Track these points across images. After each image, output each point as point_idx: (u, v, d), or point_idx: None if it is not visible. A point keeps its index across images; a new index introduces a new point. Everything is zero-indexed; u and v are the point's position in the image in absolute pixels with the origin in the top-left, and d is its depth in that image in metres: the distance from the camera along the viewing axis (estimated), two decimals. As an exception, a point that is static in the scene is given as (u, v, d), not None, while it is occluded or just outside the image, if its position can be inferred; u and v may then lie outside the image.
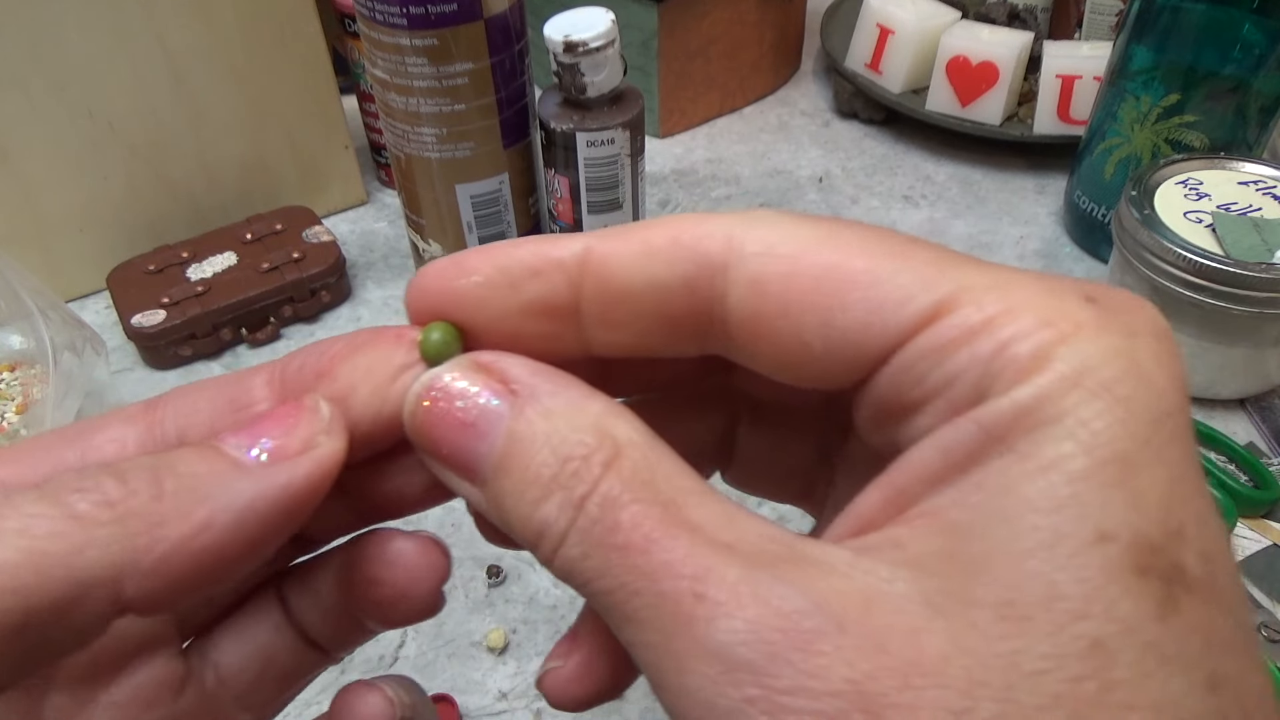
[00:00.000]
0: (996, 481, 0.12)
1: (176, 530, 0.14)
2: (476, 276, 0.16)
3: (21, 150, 0.54)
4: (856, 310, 0.14)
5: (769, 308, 0.14)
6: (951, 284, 0.13)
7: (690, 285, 0.15)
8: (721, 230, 0.15)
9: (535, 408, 0.15)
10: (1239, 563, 0.45)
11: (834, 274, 0.14)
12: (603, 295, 0.15)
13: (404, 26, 0.46)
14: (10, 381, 0.53)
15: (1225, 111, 0.54)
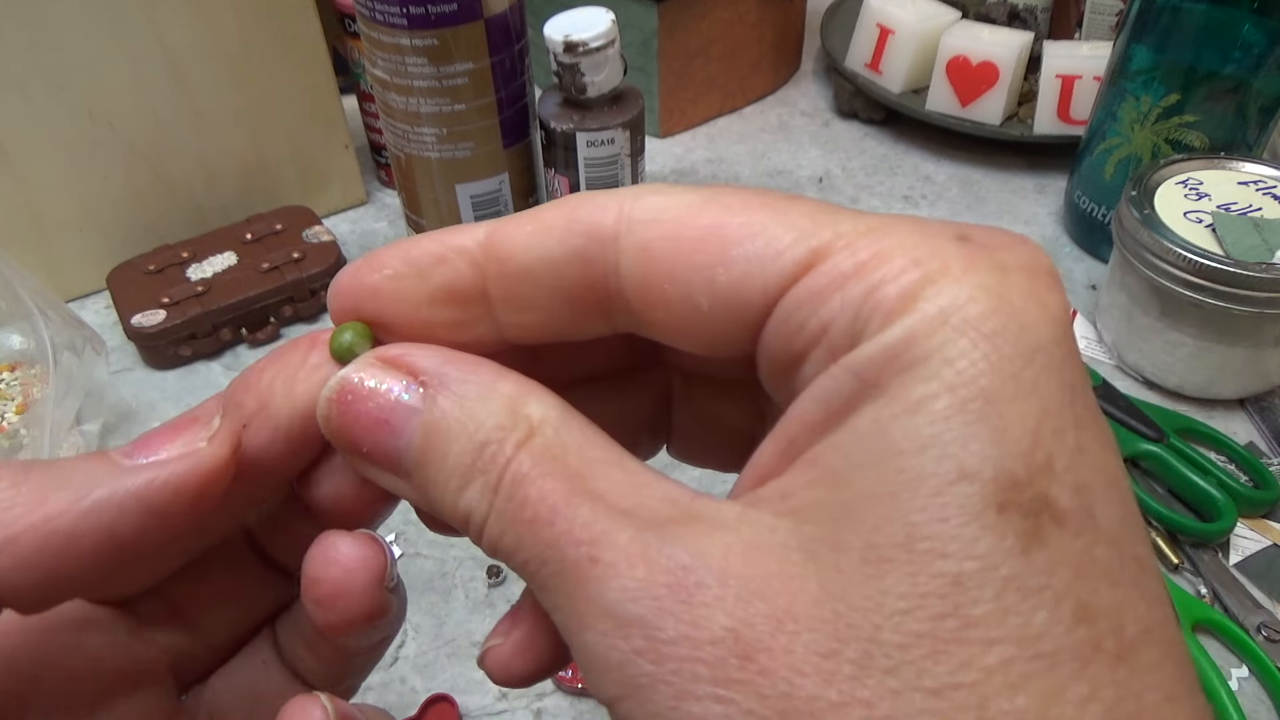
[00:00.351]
0: (868, 426, 0.12)
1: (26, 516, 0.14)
2: (386, 270, 0.16)
3: (21, 150, 0.54)
4: (737, 265, 0.14)
5: (657, 271, 0.15)
6: (827, 232, 0.13)
7: (583, 258, 0.15)
8: (613, 203, 0.15)
9: (447, 396, 0.15)
10: (1238, 563, 0.45)
11: (715, 233, 0.14)
12: (504, 276, 0.16)
13: (404, 26, 0.46)
14: (10, 381, 0.53)
15: (1225, 111, 0.54)
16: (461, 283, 0.16)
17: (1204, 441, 0.50)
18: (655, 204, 0.15)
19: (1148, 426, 0.48)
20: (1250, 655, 0.41)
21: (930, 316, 0.12)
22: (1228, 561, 0.45)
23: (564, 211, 0.15)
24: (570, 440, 0.14)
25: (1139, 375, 0.54)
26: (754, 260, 0.14)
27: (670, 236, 0.14)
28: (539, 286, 0.15)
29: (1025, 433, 0.12)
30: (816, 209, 0.14)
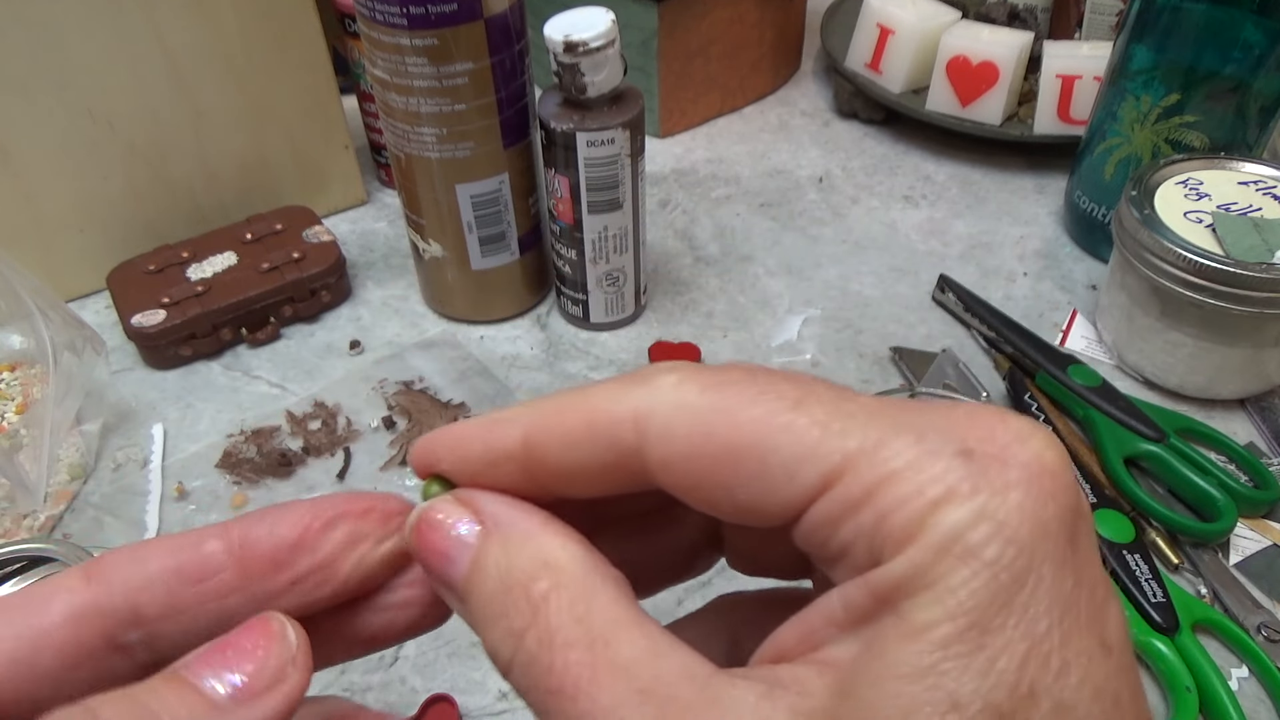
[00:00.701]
0: (878, 643, 0.13)
1: None
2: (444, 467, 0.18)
3: (21, 150, 0.54)
4: (753, 487, 0.15)
5: (681, 484, 0.16)
6: (835, 452, 0.14)
7: (615, 465, 0.16)
8: (628, 413, 0.16)
9: (495, 538, 0.17)
10: (1238, 563, 0.45)
11: (728, 454, 0.15)
12: (549, 477, 0.17)
13: (404, 26, 0.46)
14: (10, 381, 0.53)
15: (1225, 111, 0.54)
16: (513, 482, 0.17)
17: (1204, 441, 0.50)
18: (668, 418, 0.16)
19: (1148, 426, 0.48)
20: (1250, 655, 0.41)
21: (934, 546, 0.13)
22: (1228, 561, 0.45)
23: (584, 420, 0.16)
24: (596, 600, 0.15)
25: (1139, 375, 0.54)
26: (768, 483, 0.15)
27: (687, 457, 0.15)
28: (581, 481, 0.17)
29: (1011, 665, 0.13)
30: (824, 415, 0.15)
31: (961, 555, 0.13)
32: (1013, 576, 0.13)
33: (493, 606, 0.16)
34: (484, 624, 0.16)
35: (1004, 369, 0.54)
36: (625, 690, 0.14)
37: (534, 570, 0.16)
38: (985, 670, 0.13)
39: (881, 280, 0.62)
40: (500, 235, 0.55)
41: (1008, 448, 0.14)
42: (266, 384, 0.55)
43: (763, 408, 0.15)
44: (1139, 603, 0.41)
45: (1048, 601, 0.13)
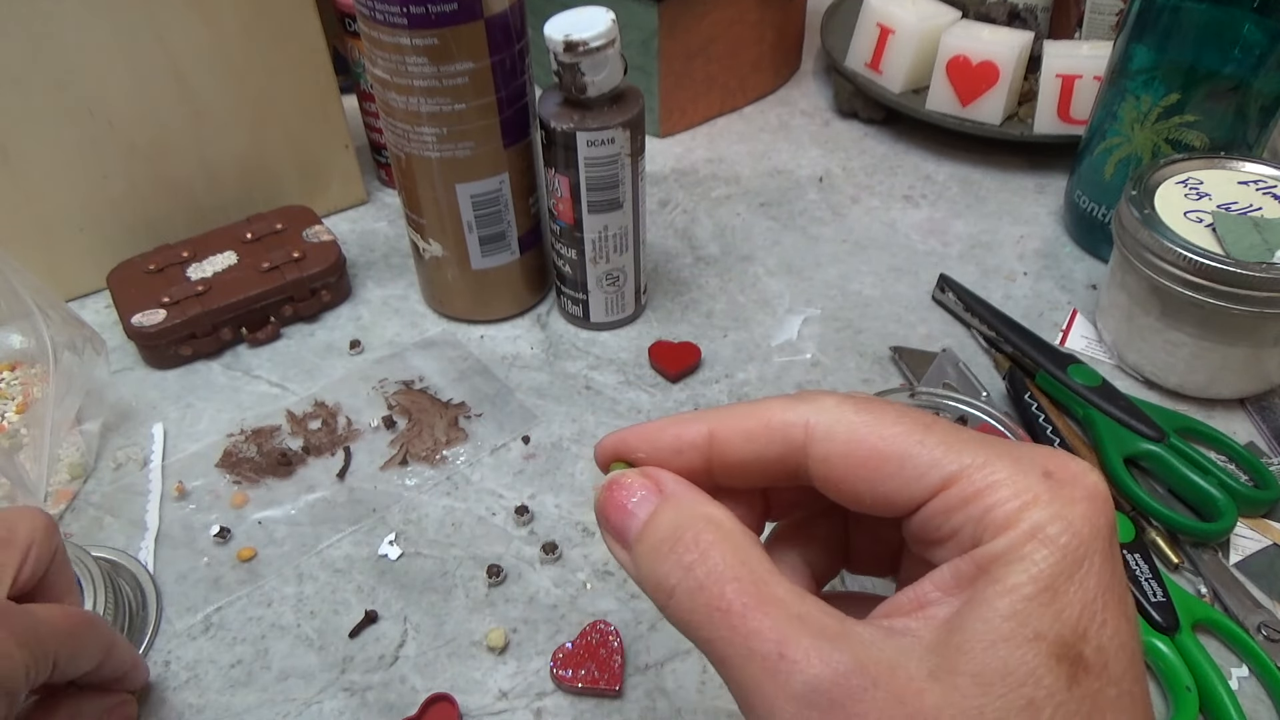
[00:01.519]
0: (981, 596, 0.19)
1: None
2: (640, 454, 0.24)
3: (21, 150, 0.54)
4: (892, 482, 0.21)
5: (834, 475, 0.21)
6: (954, 464, 0.20)
7: (781, 458, 0.22)
8: (799, 419, 0.22)
9: (670, 501, 0.22)
10: (1238, 562, 0.45)
11: (875, 456, 0.21)
12: (723, 465, 0.23)
13: (404, 26, 0.46)
14: (10, 381, 0.53)
15: (1225, 111, 0.54)
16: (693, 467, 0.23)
17: (1204, 441, 0.50)
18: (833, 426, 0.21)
19: (1148, 426, 0.48)
20: (1250, 655, 0.41)
21: (1025, 533, 0.19)
22: (1228, 561, 0.45)
23: (762, 421, 0.22)
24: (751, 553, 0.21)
25: (1139, 375, 0.54)
26: (903, 480, 0.21)
27: (843, 455, 0.21)
28: (748, 471, 0.23)
29: (1073, 614, 0.18)
30: (945, 438, 0.21)
31: (1043, 541, 0.19)
32: (1075, 559, 0.19)
33: (664, 547, 0.21)
34: (654, 560, 0.21)
35: (1004, 369, 0.54)
36: (783, 615, 0.19)
37: (702, 525, 0.21)
38: (1056, 615, 0.18)
39: (881, 280, 0.62)
40: (500, 235, 0.55)
41: (1076, 475, 0.20)
42: (266, 383, 0.55)
43: (902, 427, 0.21)
44: (1139, 602, 0.41)
45: (1096, 579, 0.19)
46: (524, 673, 0.41)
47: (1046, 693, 0.18)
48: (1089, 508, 0.19)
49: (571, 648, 0.41)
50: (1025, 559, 0.19)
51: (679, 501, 0.22)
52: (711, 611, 0.20)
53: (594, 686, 0.40)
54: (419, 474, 0.50)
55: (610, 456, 0.25)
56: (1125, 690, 0.19)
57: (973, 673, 0.18)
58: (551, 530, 0.47)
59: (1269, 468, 0.48)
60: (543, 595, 0.44)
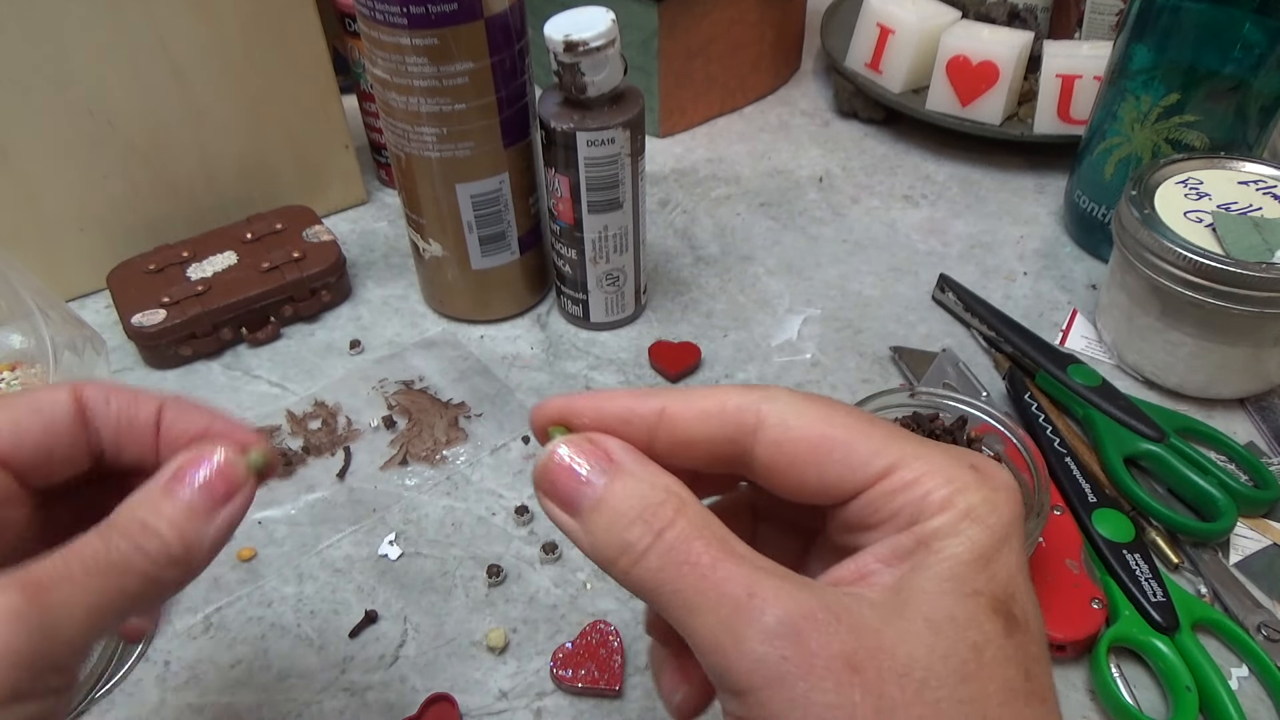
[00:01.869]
0: (923, 563, 0.21)
1: None
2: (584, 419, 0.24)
3: (21, 150, 0.54)
4: (837, 467, 0.23)
5: (782, 460, 0.23)
6: (895, 454, 0.22)
7: (730, 440, 0.23)
8: (753, 405, 0.23)
9: (624, 474, 0.23)
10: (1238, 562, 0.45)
11: (823, 444, 0.23)
12: (670, 442, 0.24)
13: (404, 26, 0.46)
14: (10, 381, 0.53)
15: (1225, 111, 0.54)
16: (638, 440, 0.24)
17: (1204, 441, 0.50)
18: (784, 413, 0.23)
19: (1148, 426, 0.48)
20: (1250, 655, 0.41)
21: (960, 512, 0.21)
22: (1228, 561, 0.45)
23: (717, 402, 0.24)
24: (712, 519, 0.22)
25: (1139, 375, 0.54)
26: (849, 466, 0.22)
27: (793, 440, 0.23)
28: (693, 451, 0.24)
29: (1002, 579, 0.21)
30: (886, 434, 0.23)
31: (976, 519, 0.21)
32: (1002, 536, 0.22)
33: (628, 517, 0.22)
34: (617, 529, 0.22)
35: (1004, 368, 0.54)
36: (750, 569, 0.21)
37: (664, 496, 0.22)
38: (990, 577, 0.21)
39: (881, 280, 0.62)
40: (500, 235, 0.55)
41: (995, 471, 0.23)
42: (266, 383, 0.55)
43: (851, 419, 0.23)
44: (1139, 602, 0.41)
45: (1015, 556, 0.22)
46: (524, 673, 0.41)
47: (987, 637, 0.20)
48: (1008, 497, 0.22)
49: (571, 648, 0.41)
50: (962, 534, 0.21)
51: (638, 471, 0.23)
52: (681, 566, 0.21)
53: (594, 686, 0.40)
54: (419, 474, 0.50)
55: (552, 420, 0.25)
56: (1041, 647, 0.22)
57: (923, 618, 0.20)
58: (551, 530, 0.47)
59: (1269, 468, 0.48)
60: (543, 595, 0.44)
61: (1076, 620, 0.41)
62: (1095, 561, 0.43)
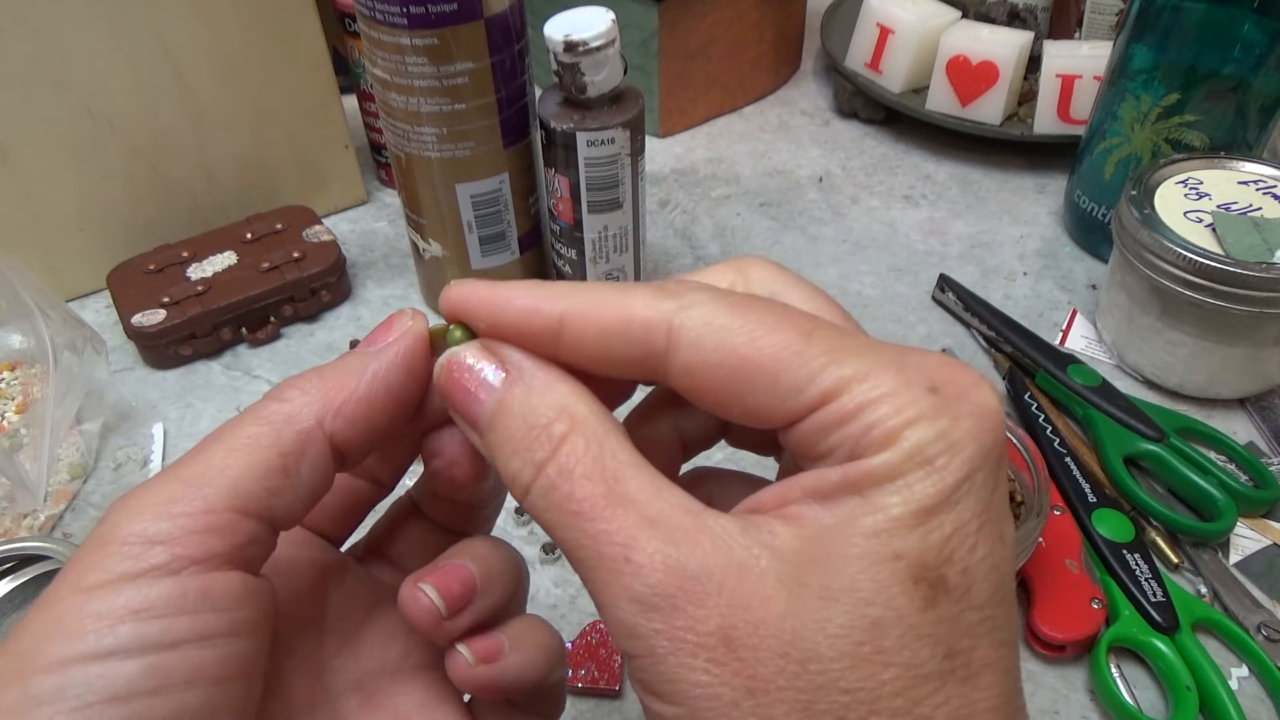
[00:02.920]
0: (844, 513, 0.18)
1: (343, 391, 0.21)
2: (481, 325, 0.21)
3: (21, 150, 0.54)
4: (763, 396, 0.19)
5: (699, 387, 0.20)
6: (833, 378, 0.18)
7: (639, 362, 0.20)
8: (663, 320, 0.19)
9: (517, 384, 0.20)
10: (1238, 562, 0.45)
11: (745, 368, 0.19)
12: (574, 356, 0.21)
13: (404, 26, 0.46)
14: (10, 381, 0.53)
15: (1225, 111, 0.54)
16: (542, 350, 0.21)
17: (1204, 441, 0.50)
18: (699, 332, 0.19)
19: (1148, 426, 0.48)
20: (1250, 655, 0.41)
21: (903, 453, 0.18)
22: (1228, 561, 0.45)
23: (622, 316, 0.20)
24: (607, 444, 0.19)
25: (1139, 375, 0.54)
26: (777, 396, 0.19)
27: (710, 365, 0.19)
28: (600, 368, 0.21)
29: (940, 538, 0.18)
30: (828, 347, 0.19)
31: (921, 461, 0.18)
32: (954, 482, 0.18)
33: (515, 440, 0.20)
34: (506, 454, 0.20)
35: (1004, 368, 0.54)
36: (636, 517, 0.18)
37: (554, 414, 0.20)
38: (923, 538, 0.17)
39: (881, 280, 0.62)
40: (500, 235, 0.55)
41: (965, 390, 0.18)
42: (267, 383, 0.55)
43: (780, 335, 0.19)
44: (1139, 602, 0.41)
45: (974, 501, 0.18)
46: (524, 673, 0.41)
47: (895, 614, 0.17)
48: (975, 425, 0.18)
49: (571, 648, 0.41)
50: (899, 478, 0.18)
51: (529, 385, 0.20)
52: (563, 512, 0.19)
53: (594, 686, 0.40)
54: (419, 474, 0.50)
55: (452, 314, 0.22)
56: (989, 615, 0.18)
57: (820, 585, 0.17)
58: (551, 530, 0.47)
59: (1269, 468, 0.48)
60: (543, 595, 0.44)
61: (1076, 620, 0.41)
62: (1095, 561, 0.43)
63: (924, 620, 0.17)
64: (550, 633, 0.25)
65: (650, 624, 0.18)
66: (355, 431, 0.21)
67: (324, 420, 0.21)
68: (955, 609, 0.18)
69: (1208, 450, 0.49)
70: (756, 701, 0.17)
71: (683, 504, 0.19)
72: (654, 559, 0.18)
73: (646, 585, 0.18)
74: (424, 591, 0.23)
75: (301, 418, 0.21)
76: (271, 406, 0.21)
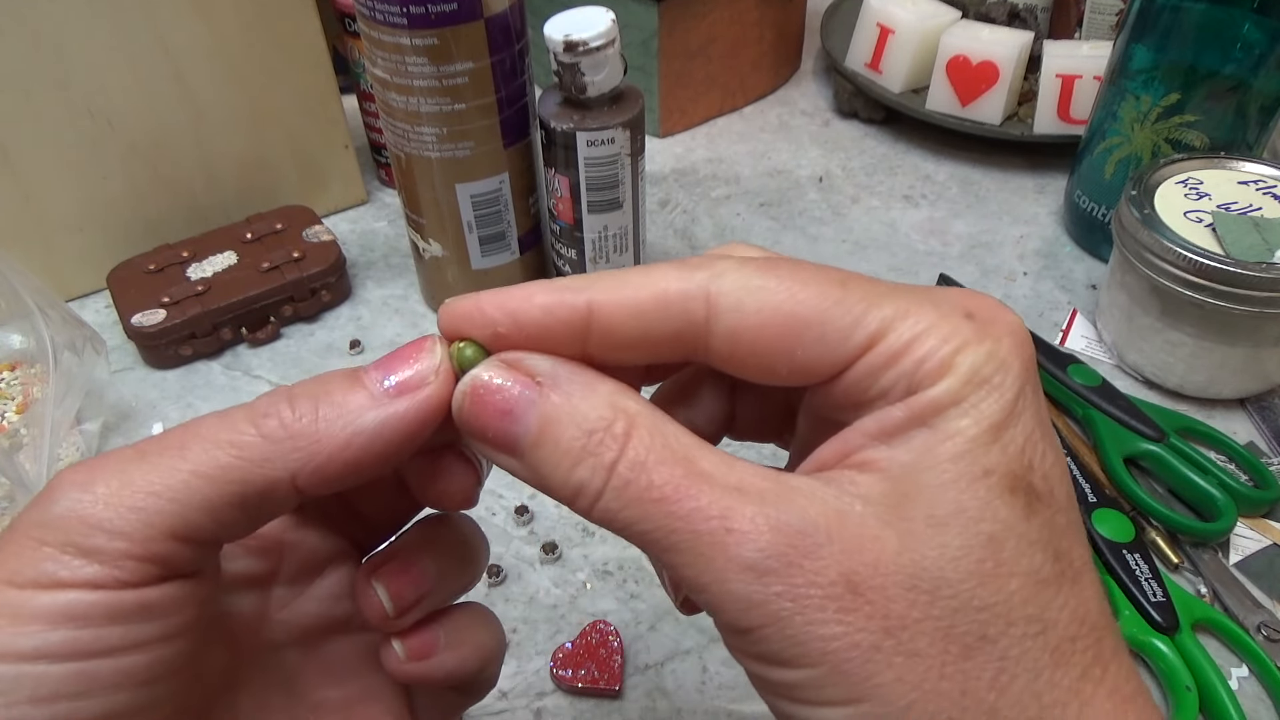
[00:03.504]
0: (921, 444, 0.18)
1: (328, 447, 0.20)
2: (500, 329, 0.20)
3: (21, 150, 0.54)
4: (812, 349, 0.19)
5: (744, 350, 0.19)
6: (876, 320, 0.19)
7: (677, 336, 0.20)
8: (699, 291, 0.19)
9: (558, 393, 0.19)
10: (1238, 562, 0.45)
11: (791, 323, 0.19)
12: (606, 344, 0.20)
13: (404, 26, 0.46)
14: (10, 381, 0.53)
15: (1225, 111, 0.54)
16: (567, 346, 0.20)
17: (1204, 441, 0.50)
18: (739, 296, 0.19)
19: (1148, 426, 0.48)
20: (1250, 655, 0.41)
21: (962, 377, 0.18)
22: (1228, 561, 0.45)
23: (654, 293, 0.19)
24: (668, 430, 0.19)
25: (1139, 375, 0.54)
26: (826, 346, 0.19)
27: (755, 326, 0.19)
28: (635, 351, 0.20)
29: (1017, 448, 0.18)
30: (865, 292, 0.19)
31: (979, 383, 0.18)
32: (1014, 396, 0.18)
33: (574, 451, 0.19)
34: (565, 467, 0.19)
35: (1004, 369, 0.54)
36: (721, 489, 0.18)
37: (609, 414, 0.19)
38: (1003, 451, 0.18)
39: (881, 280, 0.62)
40: (500, 235, 0.55)
41: (994, 311, 0.19)
42: (267, 383, 0.55)
43: (816, 288, 0.19)
44: (1139, 602, 0.41)
45: (1032, 412, 0.19)
46: (524, 673, 0.41)
47: (1004, 525, 0.18)
48: (1014, 342, 0.19)
49: (571, 648, 0.41)
50: (964, 402, 0.18)
51: (568, 391, 0.19)
52: (645, 504, 0.18)
53: (594, 686, 0.40)
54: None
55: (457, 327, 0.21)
56: (1073, 518, 0.19)
57: (925, 516, 0.18)
58: (551, 530, 0.47)
59: (1269, 468, 0.48)
60: (542, 595, 0.44)
61: (1076, 620, 0.41)
62: (1095, 561, 0.43)
63: (1030, 527, 0.18)
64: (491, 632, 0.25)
65: (769, 588, 0.17)
66: (328, 487, 0.20)
67: (298, 477, 0.20)
68: (1048, 513, 0.18)
69: (1208, 450, 0.49)
70: (897, 640, 0.17)
71: (759, 471, 0.19)
72: (757, 523, 0.18)
73: (757, 550, 0.17)
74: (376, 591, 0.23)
75: (275, 465, 0.20)
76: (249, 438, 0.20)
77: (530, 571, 0.45)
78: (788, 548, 0.17)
